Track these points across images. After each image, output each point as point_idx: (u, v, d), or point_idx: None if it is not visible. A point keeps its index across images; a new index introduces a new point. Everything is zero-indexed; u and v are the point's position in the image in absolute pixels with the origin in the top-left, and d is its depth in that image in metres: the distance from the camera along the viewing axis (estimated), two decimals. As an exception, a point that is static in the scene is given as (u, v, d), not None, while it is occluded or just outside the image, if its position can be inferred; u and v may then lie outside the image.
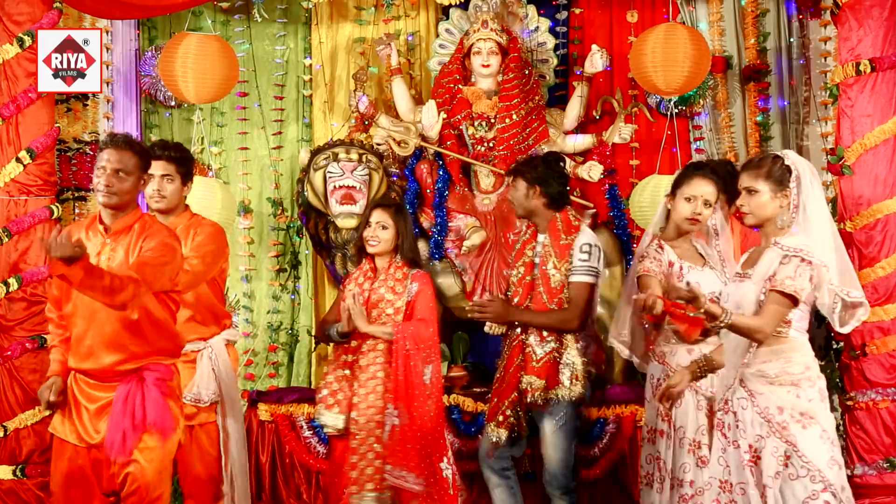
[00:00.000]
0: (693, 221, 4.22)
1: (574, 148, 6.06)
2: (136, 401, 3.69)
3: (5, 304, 5.28)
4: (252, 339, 6.27)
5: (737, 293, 3.67)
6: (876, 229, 5.10)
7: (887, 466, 5.03)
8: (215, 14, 6.39)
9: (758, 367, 3.60)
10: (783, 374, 3.59)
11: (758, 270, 3.61)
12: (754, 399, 3.59)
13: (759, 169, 3.65)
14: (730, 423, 3.64)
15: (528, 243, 4.65)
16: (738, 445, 3.61)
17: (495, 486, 4.63)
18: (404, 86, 6.19)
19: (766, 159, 3.70)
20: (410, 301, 4.53)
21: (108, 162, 3.76)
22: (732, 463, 3.63)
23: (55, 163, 5.52)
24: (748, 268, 3.69)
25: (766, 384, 3.58)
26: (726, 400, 3.67)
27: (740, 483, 3.60)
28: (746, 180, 3.66)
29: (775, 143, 6.06)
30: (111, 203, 3.77)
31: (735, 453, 3.62)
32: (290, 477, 5.52)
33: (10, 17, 5.33)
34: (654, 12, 6.23)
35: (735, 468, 3.62)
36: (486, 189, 5.98)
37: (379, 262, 4.62)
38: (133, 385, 3.71)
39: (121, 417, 3.67)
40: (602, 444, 5.24)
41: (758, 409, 3.58)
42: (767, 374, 3.59)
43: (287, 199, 6.40)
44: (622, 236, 5.87)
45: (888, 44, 5.09)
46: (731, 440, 3.64)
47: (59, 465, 3.79)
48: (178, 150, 4.52)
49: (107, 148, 3.81)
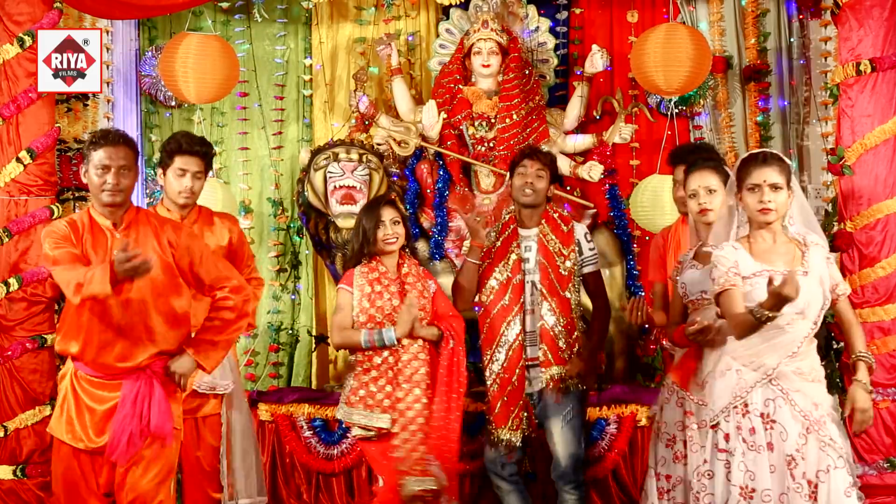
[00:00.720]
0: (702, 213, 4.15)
1: (574, 148, 6.06)
2: (145, 402, 3.66)
3: (5, 304, 5.28)
4: (252, 339, 6.27)
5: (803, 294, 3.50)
6: (876, 229, 5.09)
7: (887, 466, 5.03)
8: (215, 14, 6.40)
9: (797, 364, 3.59)
10: (813, 370, 3.64)
11: (814, 269, 3.61)
12: (790, 398, 3.57)
13: (781, 165, 3.65)
14: (754, 427, 3.60)
15: (511, 241, 4.59)
16: (771, 449, 3.57)
17: (508, 492, 4.60)
18: (404, 86, 6.19)
19: (777, 157, 3.69)
20: (432, 298, 4.58)
21: (111, 160, 3.67)
22: (759, 468, 3.56)
23: (55, 163, 5.52)
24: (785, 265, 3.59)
25: (802, 381, 3.59)
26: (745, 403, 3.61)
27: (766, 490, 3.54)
28: (773, 176, 3.61)
29: (775, 143, 6.05)
30: (117, 201, 3.70)
31: (762, 458, 3.57)
32: (290, 477, 5.52)
33: (10, 17, 5.33)
34: (655, 12, 6.23)
35: (762, 474, 3.56)
36: (486, 189, 5.98)
37: (388, 261, 4.56)
38: (142, 384, 3.68)
39: (128, 419, 3.63)
40: (602, 444, 5.23)
41: (797, 407, 3.57)
42: (804, 370, 3.61)
43: (287, 199, 6.41)
44: (622, 236, 5.87)
45: (888, 44, 5.08)
46: (759, 445, 3.58)
47: (59, 465, 3.77)
48: (208, 145, 4.56)
49: (105, 146, 3.69)
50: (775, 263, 3.60)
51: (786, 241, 3.67)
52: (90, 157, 3.72)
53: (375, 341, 4.40)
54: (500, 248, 4.60)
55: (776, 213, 3.62)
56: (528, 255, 4.57)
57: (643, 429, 5.18)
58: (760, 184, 3.61)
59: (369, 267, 4.53)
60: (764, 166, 3.63)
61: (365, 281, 4.51)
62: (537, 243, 4.57)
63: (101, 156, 3.69)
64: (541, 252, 4.55)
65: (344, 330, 4.48)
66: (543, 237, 4.56)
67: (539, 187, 4.58)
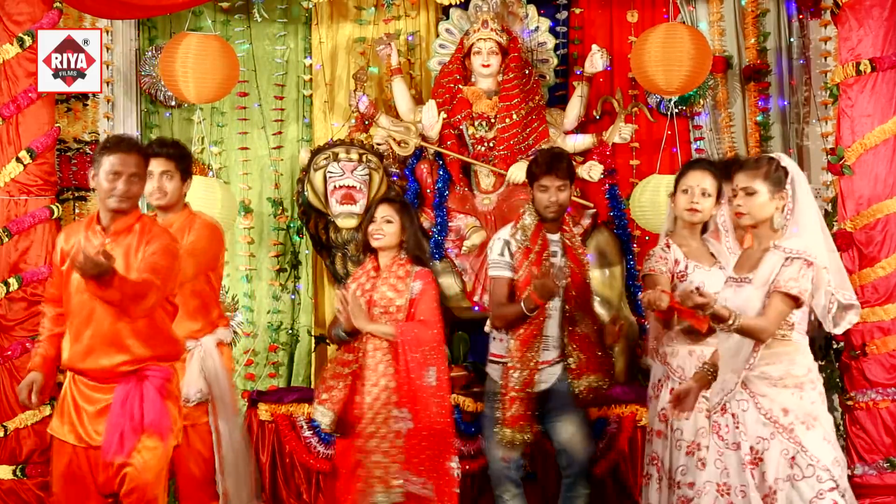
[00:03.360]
0: (692, 212, 4.22)
1: (574, 148, 6.05)
2: (135, 402, 3.68)
3: (5, 304, 5.28)
4: (252, 339, 6.27)
5: (737, 298, 3.62)
6: (876, 229, 5.10)
7: (887, 466, 5.03)
8: (215, 14, 6.39)
9: (761, 369, 3.58)
10: (787, 376, 3.59)
11: (759, 274, 3.59)
12: (756, 401, 3.58)
13: (757, 170, 3.64)
14: (727, 424, 3.63)
15: (544, 249, 4.50)
16: (737, 447, 3.60)
17: (513, 496, 4.55)
18: (404, 86, 6.19)
19: (762, 160, 3.70)
20: (413, 300, 4.52)
21: (123, 167, 3.67)
22: (731, 465, 3.62)
23: (55, 163, 5.53)
24: (743, 271, 3.68)
25: (769, 386, 3.58)
26: (724, 403, 3.65)
27: (741, 486, 3.58)
28: (744, 181, 3.63)
29: (775, 143, 6.06)
30: (124, 207, 3.72)
31: (734, 455, 3.61)
32: (290, 477, 5.52)
33: (10, 17, 5.34)
34: (655, 12, 6.23)
35: (734, 471, 3.61)
36: (486, 189, 5.98)
37: (382, 259, 4.60)
38: (132, 386, 3.70)
39: (119, 418, 3.66)
40: (602, 444, 5.23)
41: (762, 410, 3.57)
42: (771, 376, 3.58)
43: (287, 199, 6.40)
44: (622, 236, 5.87)
45: (888, 44, 5.09)
46: (730, 442, 3.62)
47: (59, 465, 3.78)
48: (176, 147, 4.51)
49: (117, 152, 3.70)
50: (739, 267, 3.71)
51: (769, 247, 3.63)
52: (101, 161, 3.72)
53: (335, 336, 4.57)
54: (537, 255, 4.49)
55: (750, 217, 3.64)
56: (555, 261, 4.54)
57: (643, 429, 5.17)
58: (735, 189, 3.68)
59: (363, 264, 4.67)
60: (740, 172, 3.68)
61: (355, 277, 4.66)
62: (563, 248, 4.55)
63: (112, 161, 3.69)
64: (569, 257, 4.53)
65: None
66: (570, 242, 4.56)
67: (563, 202, 4.54)
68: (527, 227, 4.51)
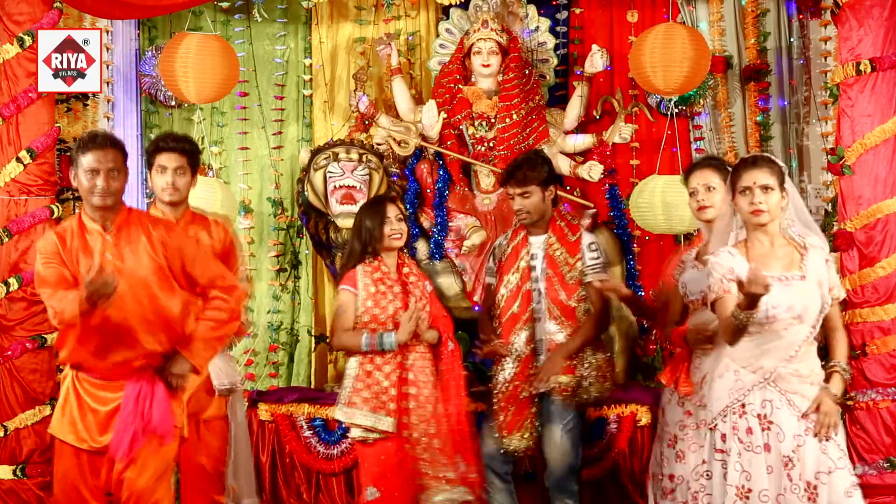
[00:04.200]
0: (701, 210, 4.17)
1: (574, 148, 6.06)
2: (146, 402, 3.67)
3: (5, 304, 5.28)
4: (252, 339, 6.27)
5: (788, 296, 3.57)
6: (876, 229, 5.09)
7: (887, 466, 5.03)
8: (215, 14, 6.39)
9: (795, 366, 3.61)
10: (813, 373, 3.65)
11: (812, 273, 3.62)
12: (788, 398, 3.59)
13: (771, 167, 3.66)
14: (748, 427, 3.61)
15: (520, 248, 4.57)
16: (766, 449, 3.58)
17: (498, 490, 4.56)
18: (404, 86, 6.19)
19: (767, 159, 3.72)
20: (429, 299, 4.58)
21: (100, 163, 3.67)
22: (755, 469, 3.58)
23: (55, 163, 5.52)
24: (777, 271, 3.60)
25: (801, 384, 3.61)
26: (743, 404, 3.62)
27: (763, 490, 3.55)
28: (763, 178, 3.63)
29: (775, 143, 6.06)
30: (108, 204, 3.70)
31: (759, 458, 3.58)
32: (290, 477, 5.52)
33: (10, 17, 5.34)
34: (654, 12, 6.22)
35: (758, 474, 3.57)
36: (486, 189, 5.98)
37: (388, 261, 4.53)
38: (144, 384, 3.69)
39: (132, 418, 3.64)
40: (602, 444, 5.23)
41: (795, 409, 3.59)
42: (803, 373, 3.62)
43: (287, 199, 6.40)
44: (622, 236, 5.87)
45: (888, 44, 5.08)
46: (755, 445, 3.59)
47: (60, 465, 3.78)
48: (189, 142, 4.50)
49: (92, 149, 3.69)
50: (772, 267, 3.60)
51: (784, 244, 3.68)
52: (79, 160, 3.72)
53: (376, 345, 4.36)
54: (510, 256, 4.57)
55: (769, 215, 3.63)
56: (535, 263, 4.55)
57: (643, 429, 5.18)
58: (751, 185, 3.63)
59: (372, 267, 4.48)
60: (754, 168, 3.66)
61: (370, 281, 4.46)
62: (543, 252, 4.55)
63: (89, 159, 3.69)
64: (546, 261, 4.53)
65: (345, 332, 4.44)
66: (549, 246, 4.54)
67: (530, 207, 4.53)
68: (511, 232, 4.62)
